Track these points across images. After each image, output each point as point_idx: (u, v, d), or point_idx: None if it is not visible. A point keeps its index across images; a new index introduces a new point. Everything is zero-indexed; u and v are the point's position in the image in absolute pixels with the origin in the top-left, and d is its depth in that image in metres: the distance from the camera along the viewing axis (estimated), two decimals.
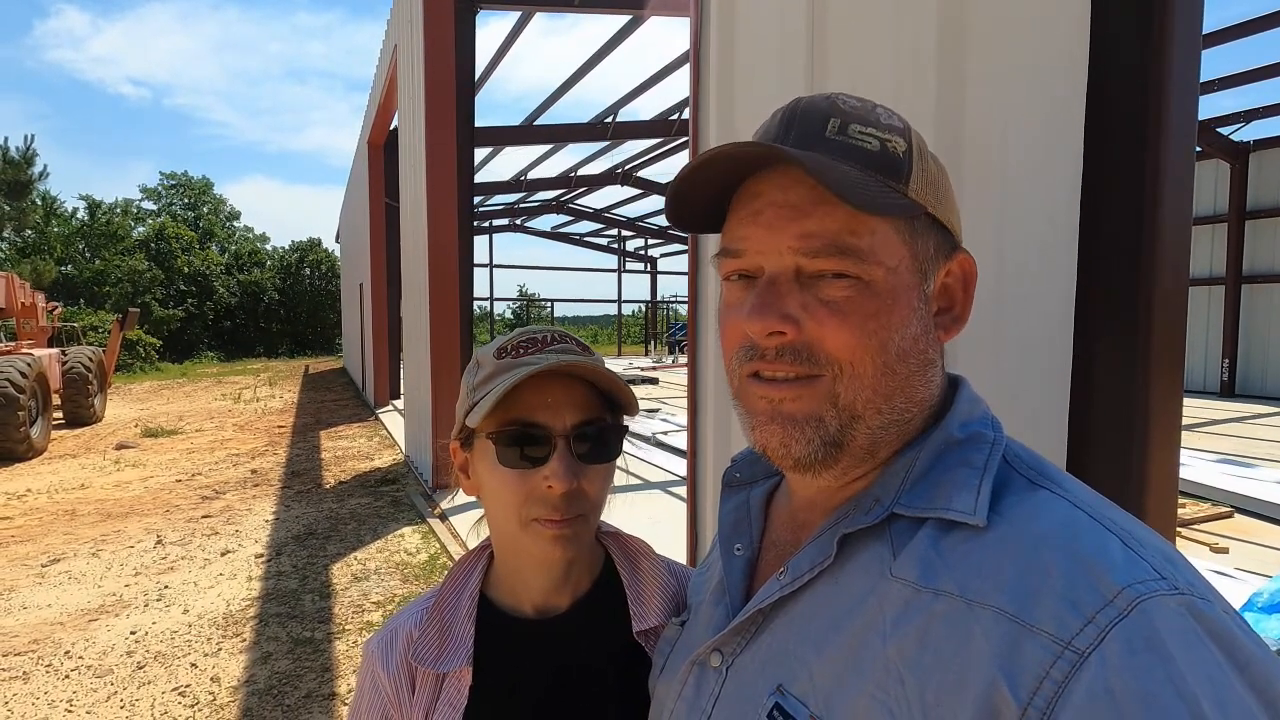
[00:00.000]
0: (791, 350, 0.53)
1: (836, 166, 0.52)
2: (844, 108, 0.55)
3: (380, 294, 13.08)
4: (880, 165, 0.53)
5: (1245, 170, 14.52)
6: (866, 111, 0.55)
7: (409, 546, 5.28)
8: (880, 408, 0.54)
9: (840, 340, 0.52)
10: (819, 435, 0.54)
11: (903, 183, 0.53)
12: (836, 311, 0.52)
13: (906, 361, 0.54)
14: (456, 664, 0.77)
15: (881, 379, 0.54)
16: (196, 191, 38.12)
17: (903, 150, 0.54)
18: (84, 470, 8.38)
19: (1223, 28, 9.05)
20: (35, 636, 3.91)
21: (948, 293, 0.58)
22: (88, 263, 29.63)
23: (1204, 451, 7.96)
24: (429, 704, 0.77)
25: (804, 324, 0.53)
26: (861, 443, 0.55)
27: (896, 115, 0.57)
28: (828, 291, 0.53)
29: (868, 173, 0.53)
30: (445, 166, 6.60)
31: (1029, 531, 0.47)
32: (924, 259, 0.55)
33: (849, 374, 0.53)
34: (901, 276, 0.54)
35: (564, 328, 0.96)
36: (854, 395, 0.53)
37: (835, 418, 0.54)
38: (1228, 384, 14.73)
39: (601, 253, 31.03)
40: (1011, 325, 1.34)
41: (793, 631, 0.55)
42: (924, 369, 0.56)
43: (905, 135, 0.55)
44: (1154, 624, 0.40)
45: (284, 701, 3.17)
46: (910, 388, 0.55)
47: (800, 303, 0.53)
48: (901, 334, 0.54)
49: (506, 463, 0.74)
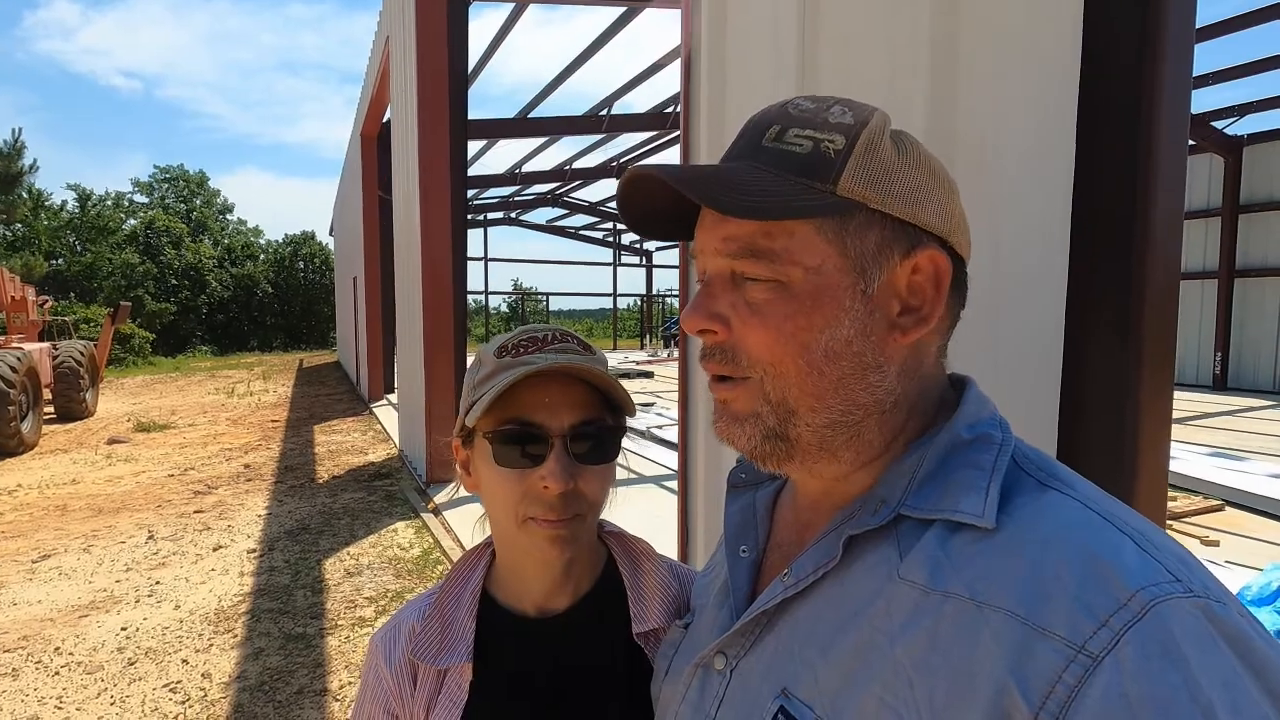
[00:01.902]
0: (720, 350, 0.56)
1: (735, 176, 0.53)
2: (793, 113, 0.55)
3: (374, 287, 13.03)
4: (803, 167, 0.53)
5: (1239, 164, 14.57)
6: (815, 113, 0.55)
7: (402, 541, 5.27)
8: (814, 406, 0.54)
9: (758, 340, 0.54)
10: (759, 430, 0.56)
11: (830, 182, 0.52)
12: (756, 313, 0.54)
13: (836, 363, 0.53)
14: (456, 660, 0.77)
15: (807, 379, 0.54)
16: (191, 185, 37.89)
17: (837, 149, 0.53)
18: (75, 465, 8.34)
19: (1216, 21, 9.06)
20: (25, 633, 3.89)
21: (917, 291, 0.55)
22: (78, 256, 29.44)
23: (1196, 445, 8.01)
24: (430, 699, 0.78)
25: (732, 324, 0.55)
26: (808, 438, 0.55)
27: (854, 112, 0.55)
28: (751, 293, 0.55)
29: (784, 176, 0.53)
30: (438, 159, 6.56)
31: (1039, 533, 0.47)
32: (860, 257, 0.53)
33: (772, 374, 0.54)
34: (827, 277, 0.53)
35: (559, 322, 0.95)
36: (783, 393, 0.55)
37: (771, 413, 0.55)
38: (1220, 377, 14.82)
39: (597, 246, 30.92)
40: (1003, 318, 1.33)
41: (798, 634, 0.55)
42: (861, 372, 0.54)
43: (850, 131, 0.53)
44: (1170, 628, 0.40)
45: (275, 698, 3.16)
46: (846, 390, 0.54)
47: (730, 303, 0.55)
48: (829, 335, 0.53)
49: (503, 462, 0.74)
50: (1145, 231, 1.14)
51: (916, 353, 0.57)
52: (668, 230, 0.63)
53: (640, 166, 0.56)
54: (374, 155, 12.65)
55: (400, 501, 6.36)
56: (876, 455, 0.57)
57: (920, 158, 0.56)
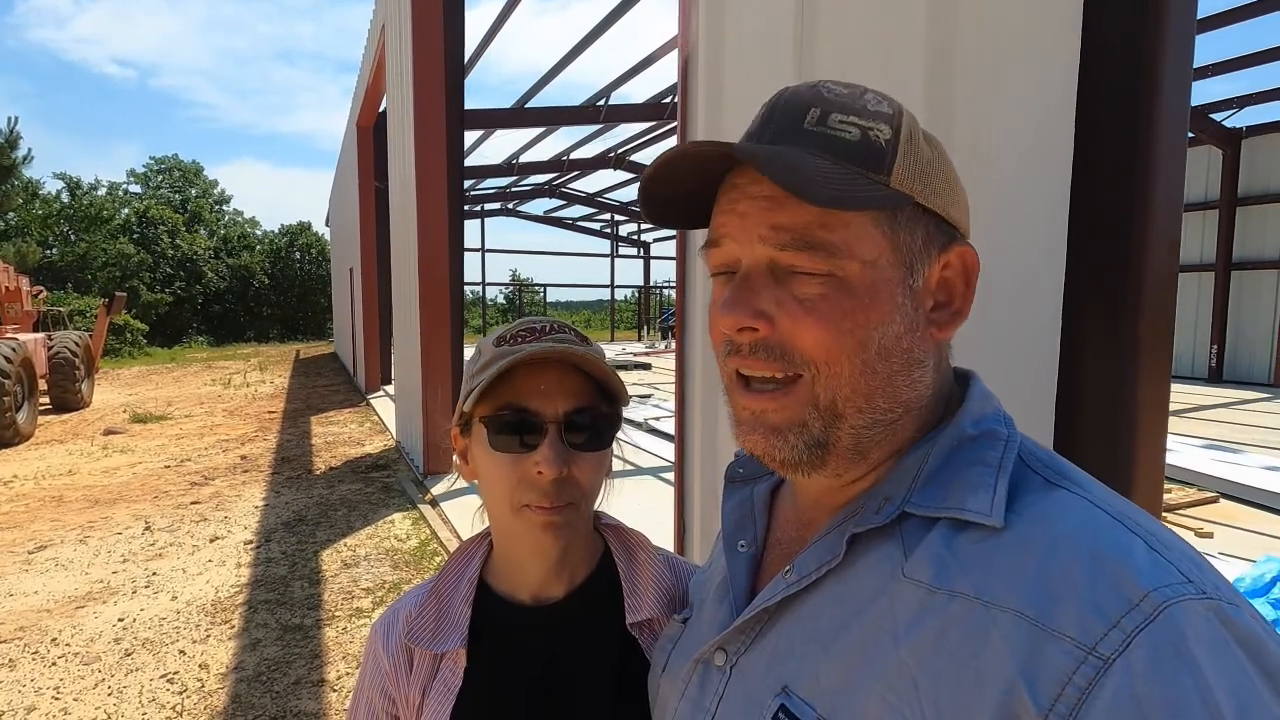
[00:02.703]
0: (765, 347, 0.53)
1: (802, 161, 0.50)
2: (828, 96, 0.53)
3: (370, 278, 12.99)
4: (858, 155, 0.51)
5: (1237, 156, 14.56)
6: (852, 99, 0.53)
7: (399, 533, 5.27)
8: (861, 407, 0.53)
9: (814, 338, 0.51)
10: (803, 440, 0.53)
11: (884, 173, 0.51)
12: (810, 309, 0.51)
13: (888, 360, 0.52)
14: (451, 645, 0.78)
15: (861, 378, 0.52)
16: (186, 175, 37.67)
17: (886, 138, 0.52)
18: (71, 456, 8.32)
19: (1216, 13, 9.03)
20: (22, 624, 3.89)
21: (947, 287, 0.55)
22: (71, 245, 29.28)
23: (1191, 437, 8.04)
24: (425, 684, 0.79)
25: (778, 321, 0.52)
26: (847, 443, 0.54)
27: (887, 100, 0.54)
28: (801, 288, 0.52)
29: (842, 164, 0.51)
30: (434, 148, 6.52)
31: (1048, 532, 0.46)
32: (909, 252, 0.53)
33: (825, 374, 0.52)
34: (882, 271, 0.52)
35: (556, 313, 0.96)
36: (834, 395, 0.52)
37: (818, 419, 0.53)
38: (1216, 369, 14.87)
39: (595, 237, 30.89)
40: (999, 310, 1.33)
41: (799, 631, 0.54)
42: (908, 368, 0.53)
43: (892, 121, 0.53)
44: (1182, 630, 0.39)
45: (273, 688, 3.17)
46: (893, 387, 0.53)
47: (774, 298, 0.52)
48: (882, 331, 0.52)
49: (499, 447, 0.75)
50: (1144, 224, 1.13)
51: (941, 348, 0.57)
52: (678, 216, 0.61)
53: (698, 142, 0.52)
54: (370, 145, 12.58)
55: (397, 493, 6.37)
56: (895, 453, 0.56)
57: (945, 155, 0.56)
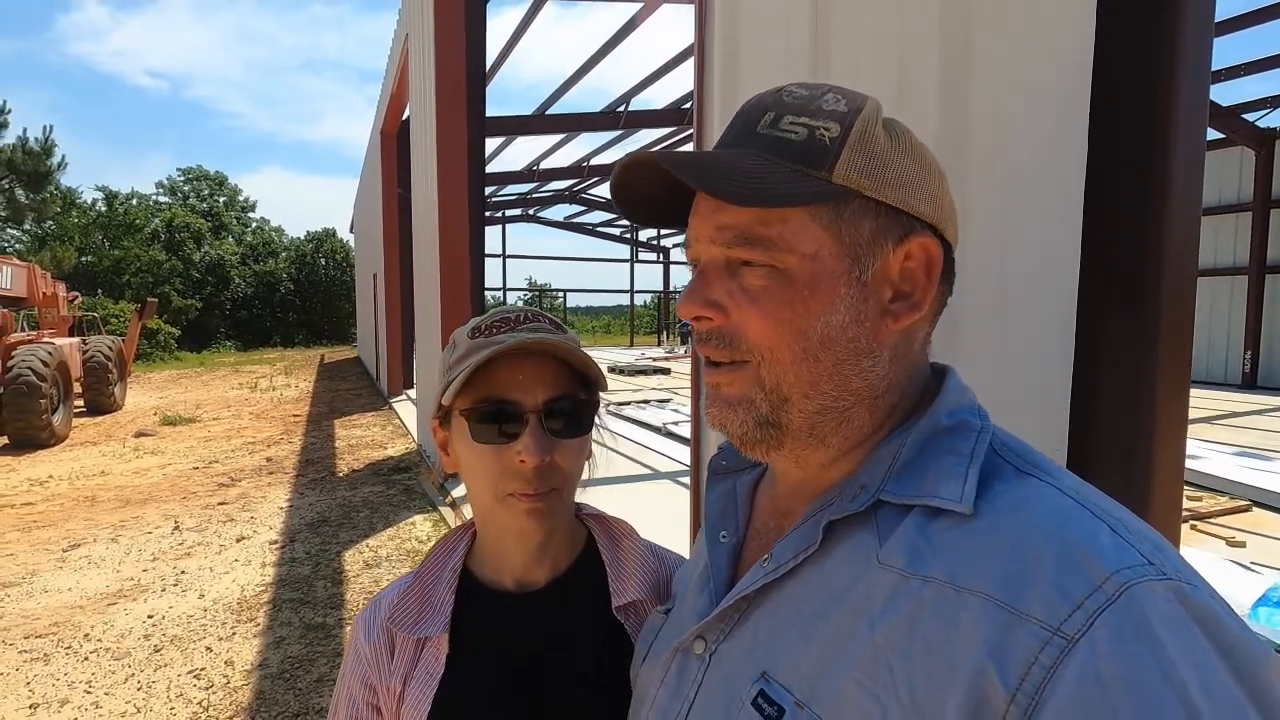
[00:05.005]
0: (718, 335, 0.56)
1: (732, 164, 0.53)
2: (786, 100, 0.56)
3: (393, 284, 13.15)
4: (800, 154, 0.53)
5: (1271, 157, 14.20)
6: (809, 100, 0.55)
7: (420, 534, 5.33)
8: (807, 393, 0.55)
9: (758, 327, 0.54)
10: (752, 416, 0.56)
11: (825, 169, 0.53)
12: (754, 300, 0.55)
13: (832, 349, 0.54)
14: (433, 630, 0.78)
15: (802, 365, 0.54)
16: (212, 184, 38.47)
17: (832, 136, 0.53)
18: (104, 457, 8.53)
19: (1249, 11, 8.84)
20: (56, 619, 3.99)
21: (910, 277, 0.56)
22: (105, 252, 30.05)
23: (1222, 444, 7.84)
24: (407, 671, 0.79)
25: (730, 311, 0.56)
26: (799, 425, 0.56)
27: (848, 99, 0.55)
28: (748, 280, 0.55)
29: (783, 163, 0.53)
30: (456, 155, 6.60)
31: (1017, 518, 0.47)
32: (854, 244, 0.54)
33: (769, 359, 0.55)
34: (823, 263, 0.53)
35: (576, 319, 0.97)
36: (778, 379, 0.55)
37: (765, 401, 0.56)
38: (1250, 375, 14.48)
39: (614, 243, 30.99)
40: (1015, 311, 1.32)
41: (777, 618, 0.55)
42: (855, 358, 0.54)
43: (845, 119, 0.54)
44: (1143, 609, 0.41)
45: (296, 685, 3.23)
46: (840, 376, 0.55)
47: (726, 290, 0.56)
48: (824, 321, 0.53)
49: (480, 439, 0.76)
50: (1160, 224, 1.12)
51: (906, 339, 0.57)
52: (661, 217, 0.64)
53: (637, 153, 0.56)
54: (393, 152, 12.77)
55: (418, 495, 6.43)
56: (861, 441, 0.57)
57: (911, 145, 0.56)
